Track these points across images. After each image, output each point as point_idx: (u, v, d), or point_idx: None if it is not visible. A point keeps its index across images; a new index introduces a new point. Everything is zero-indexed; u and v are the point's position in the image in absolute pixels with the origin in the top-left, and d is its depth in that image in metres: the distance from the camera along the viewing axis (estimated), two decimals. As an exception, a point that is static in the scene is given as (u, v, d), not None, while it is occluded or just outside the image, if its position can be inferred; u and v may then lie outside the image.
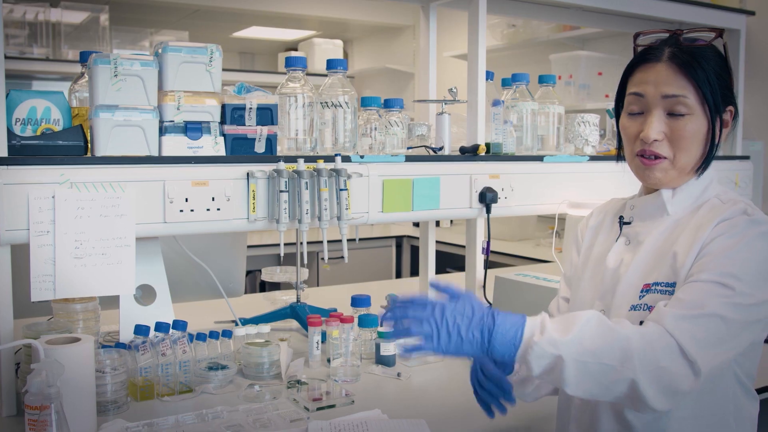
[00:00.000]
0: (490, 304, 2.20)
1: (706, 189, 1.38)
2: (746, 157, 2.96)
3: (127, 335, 1.78)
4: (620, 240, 1.44)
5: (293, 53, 6.08)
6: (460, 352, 1.18)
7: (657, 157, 1.34)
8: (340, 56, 6.09)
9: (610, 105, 2.72)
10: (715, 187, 1.39)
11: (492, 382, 1.33)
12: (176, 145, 1.75)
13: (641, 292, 1.33)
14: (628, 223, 1.44)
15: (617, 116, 1.44)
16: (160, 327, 1.74)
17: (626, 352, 1.13)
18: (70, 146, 1.66)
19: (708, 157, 1.35)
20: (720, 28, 1.38)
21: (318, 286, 4.32)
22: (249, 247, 3.13)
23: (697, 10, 2.83)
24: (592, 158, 2.43)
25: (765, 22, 3.43)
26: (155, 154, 1.72)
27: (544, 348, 1.14)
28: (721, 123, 1.36)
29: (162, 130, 1.74)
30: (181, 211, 1.73)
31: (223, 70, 1.80)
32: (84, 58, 1.88)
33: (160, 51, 1.75)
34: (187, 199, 1.73)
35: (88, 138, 1.70)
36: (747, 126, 3.35)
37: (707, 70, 1.31)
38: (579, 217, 2.39)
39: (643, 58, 1.37)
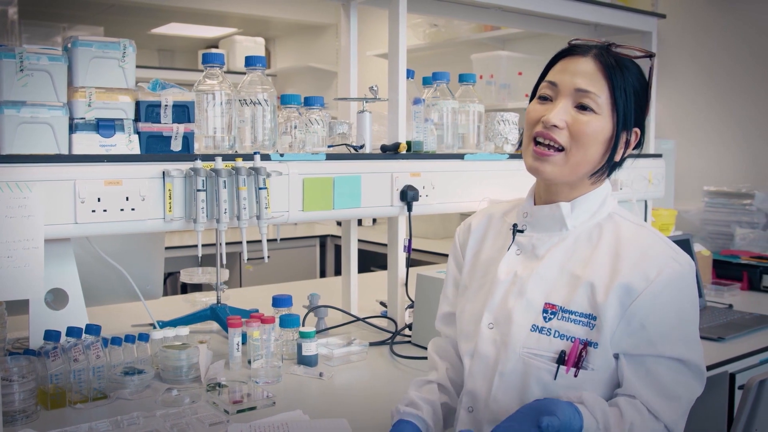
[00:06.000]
0: (413, 302, 2.20)
1: (603, 203, 1.35)
2: (659, 155, 3.07)
3: (37, 341, 1.71)
4: (512, 249, 1.39)
5: (213, 50, 5.97)
6: None
7: (551, 146, 1.29)
8: (262, 54, 6.03)
9: (529, 104, 2.78)
10: (612, 203, 1.37)
11: None
12: (87, 143, 1.70)
13: (544, 312, 1.30)
14: (521, 231, 1.39)
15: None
16: (72, 332, 1.68)
17: None
18: (-27, 144, 1.59)
19: (604, 165, 1.32)
20: (652, 52, 1.37)
21: (241, 286, 4.26)
22: (169, 248, 3.07)
23: (612, 12, 2.91)
24: (512, 156, 2.46)
25: (675, 25, 3.55)
26: (65, 152, 1.67)
27: None
28: (627, 140, 1.32)
29: (72, 128, 1.68)
30: (93, 211, 1.68)
31: (142, 67, 1.76)
32: (-13, 52, 1.80)
33: (69, 45, 1.69)
34: (99, 199, 1.68)
35: (-7, 135, 1.63)
36: (659, 125, 3.47)
37: (627, 79, 1.29)
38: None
39: (569, 50, 1.34)
